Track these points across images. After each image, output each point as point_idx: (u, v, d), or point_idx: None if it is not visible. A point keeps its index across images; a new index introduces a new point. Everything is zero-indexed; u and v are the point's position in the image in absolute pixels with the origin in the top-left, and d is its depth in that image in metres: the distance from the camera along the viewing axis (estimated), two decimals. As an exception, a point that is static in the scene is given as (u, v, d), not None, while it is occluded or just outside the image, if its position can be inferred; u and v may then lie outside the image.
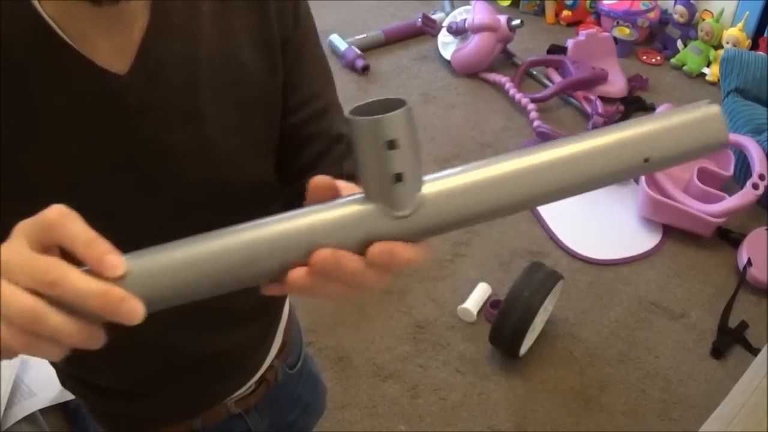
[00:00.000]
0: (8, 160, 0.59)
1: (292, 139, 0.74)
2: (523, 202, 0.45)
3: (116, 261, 0.41)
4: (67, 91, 0.59)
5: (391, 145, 0.41)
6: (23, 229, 0.42)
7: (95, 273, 0.41)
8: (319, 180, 0.44)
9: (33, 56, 0.57)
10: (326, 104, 0.74)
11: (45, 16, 0.56)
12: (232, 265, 0.43)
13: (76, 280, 0.40)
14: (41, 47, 0.57)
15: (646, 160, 0.45)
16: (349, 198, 0.44)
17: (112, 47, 0.59)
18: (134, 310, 0.40)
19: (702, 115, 0.46)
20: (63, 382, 0.89)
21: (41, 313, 0.39)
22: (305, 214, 0.44)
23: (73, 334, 0.40)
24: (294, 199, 0.63)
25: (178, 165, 0.66)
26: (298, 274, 0.43)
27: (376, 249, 0.42)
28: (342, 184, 0.47)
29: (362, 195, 0.44)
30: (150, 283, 0.43)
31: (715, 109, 0.46)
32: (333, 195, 0.45)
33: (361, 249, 0.43)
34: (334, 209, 0.44)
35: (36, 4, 0.56)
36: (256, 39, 0.67)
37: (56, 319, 0.40)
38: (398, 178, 0.42)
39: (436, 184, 0.44)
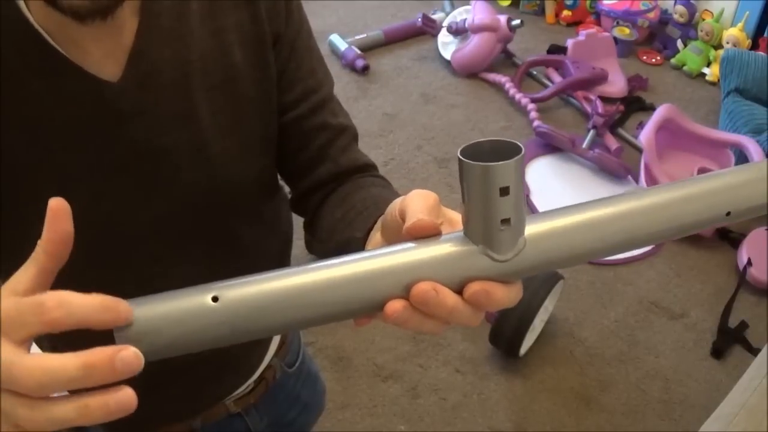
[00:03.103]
0: (3, 168, 0.59)
1: (295, 133, 0.74)
2: (614, 246, 0.45)
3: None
4: (59, 98, 0.58)
5: (503, 192, 0.41)
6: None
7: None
8: (424, 222, 0.44)
9: (24, 64, 0.57)
10: (325, 96, 0.75)
11: (35, 24, 0.56)
12: (337, 298, 0.43)
13: (74, 296, 0.38)
14: (32, 55, 0.56)
15: (727, 214, 0.47)
16: (450, 236, 0.45)
17: (103, 53, 0.59)
18: (126, 312, 0.40)
19: None
20: None
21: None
22: (407, 250, 0.44)
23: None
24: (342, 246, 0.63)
25: (173, 167, 0.66)
26: (396, 306, 0.43)
27: (473, 288, 0.43)
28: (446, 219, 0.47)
29: (463, 234, 0.44)
30: (248, 313, 0.43)
31: None
32: (435, 235, 0.45)
33: (459, 288, 0.44)
34: (436, 247, 0.44)
35: (26, 12, 0.55)
36: (246, 37, 0.67)
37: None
38: (504, 223, 0.42)
39: (537, 226, 0.44)
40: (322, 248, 0.72)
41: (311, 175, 0.75)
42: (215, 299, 0.42)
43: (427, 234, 0.44)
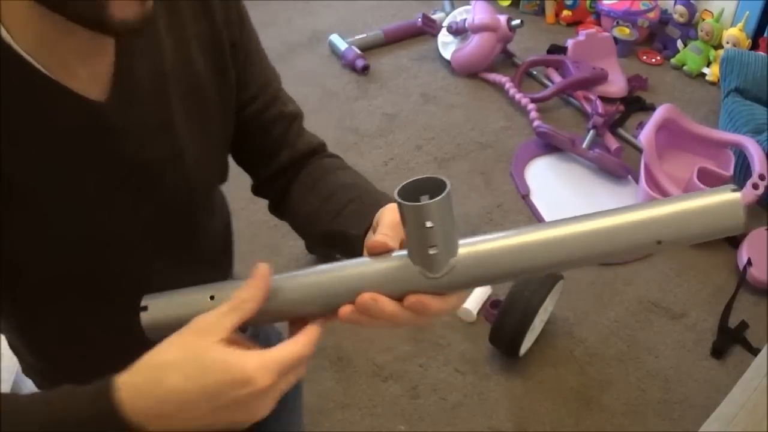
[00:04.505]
0: (1, 190, 0.59)
1: (255, 125, 0.79)
2: (540, 268, 0.53)
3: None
4: (50, 122, 0.59)
5: (430, 225, 0.51)
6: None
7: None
8: (378, 241, 0.56)
9: (12, 91, 0.56)
10: (277, 88, 0.81)
11: (19, 50, 0.55)
12: (304, 299, 0.57)
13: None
14: (19, 81, 0.56)
15: (658, 242, 0.51)
16: (397, 254, 0.56)
17: (89, 73, 0.60)
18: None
19: (721, 201, 0.49)
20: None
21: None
22: (361, 265, 0.56)
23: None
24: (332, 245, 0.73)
25: (157, 175, 0.69)
26: (346, 310, 0.55)
27: (410, 300, 0.54)
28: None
29: (407, 254, 0.55)
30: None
31: (734, 196, 0.49)
32: (388, 251, 0.56)
33: (401, 297, 0.55)
34: (384, 265, 0.56)
35: (8, 39, 0.55)
36: (206, 45, 0.70)
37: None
38: (433, 248, 0.52)
39: (468, 249, 0.54)
40: (303, 233, 0.81)
41: (272, 162, 0.81)
42: (212, 297, 0.57)
43: (379, 251, 0.56)
